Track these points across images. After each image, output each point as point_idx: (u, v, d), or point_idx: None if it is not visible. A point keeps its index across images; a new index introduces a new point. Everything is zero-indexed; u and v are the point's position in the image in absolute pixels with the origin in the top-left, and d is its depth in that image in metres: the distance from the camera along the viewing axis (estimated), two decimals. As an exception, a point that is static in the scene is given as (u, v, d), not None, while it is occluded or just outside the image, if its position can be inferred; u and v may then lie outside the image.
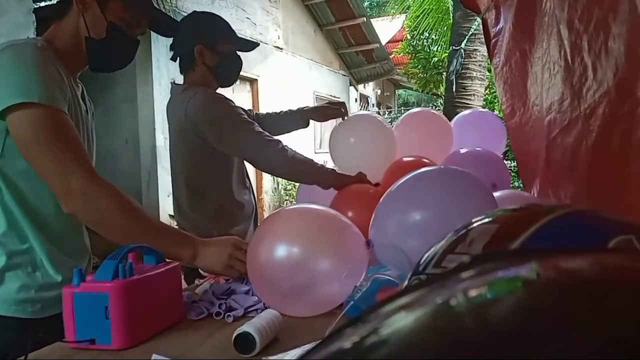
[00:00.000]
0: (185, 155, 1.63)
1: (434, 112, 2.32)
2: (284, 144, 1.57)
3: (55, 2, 1.19)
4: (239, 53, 1.70)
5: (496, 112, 6.95)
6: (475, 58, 4.82)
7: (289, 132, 1.95)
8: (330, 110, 1.87)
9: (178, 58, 1.70)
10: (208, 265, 1.15)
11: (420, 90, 12.60)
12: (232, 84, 1.79)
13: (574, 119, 1.36)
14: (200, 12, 1.80)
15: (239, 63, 1.71)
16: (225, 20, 1.70)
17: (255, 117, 1.91)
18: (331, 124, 2.01)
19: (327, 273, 1.02)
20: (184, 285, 1.16)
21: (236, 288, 1.13)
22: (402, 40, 12.04)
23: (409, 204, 1.08)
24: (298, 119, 1.91)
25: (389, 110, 14.39)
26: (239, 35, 1.75)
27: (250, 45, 1.73)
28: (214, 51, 1.63)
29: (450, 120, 2.19)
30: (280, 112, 1.96)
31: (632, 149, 1.09)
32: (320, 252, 1.03)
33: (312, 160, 1.61)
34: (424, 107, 12.27)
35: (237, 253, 1.13)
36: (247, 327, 0.82)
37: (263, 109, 7.01)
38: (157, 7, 1.43)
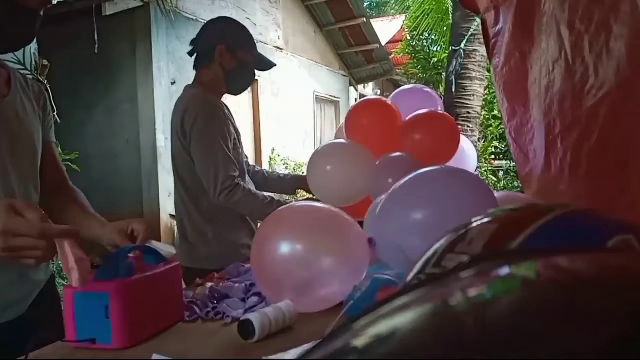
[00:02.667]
0: (182, 155, 1.63)
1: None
2: (239, 181, 1.55)
3: None
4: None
5: (495, 112, 6.97)
6: (474, 58, 4.81)
7: (275, 194, 1.96)
8: None
9: (195, 54, 1.70)
10: None
11: (420, 91, 12.57)
12: (239, 94, 1.80)
13: (575, 119, 1.35)
14: (228, 17, 1.83)
15: (253, 75, 1.73)
16: (251, 34, 1.72)
17: (248, 168, 1.88)
18: (331, 124, 2.01)
19: (330, 270, 1.02)
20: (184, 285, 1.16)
21: (232, 293, 1.14)
22: (401, 41, 12.03)
23: (410, 203, 1.08)
24: (287, 186, 1.91)
25: (389, 110, 14.37)
26: None
27: (267, 65, 1.74)
28: (234, 55, 1.64)
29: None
30: (272, 172, 1.98)
31: (634, 150, 1.09)
32: (323, 250, 1.04)
33: (261, 200, 1.58)
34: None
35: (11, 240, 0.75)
36: (250, 315, 0.89)
37: (263, 110, 7.01)
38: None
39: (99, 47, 4.56)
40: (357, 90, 10.32)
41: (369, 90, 13.18)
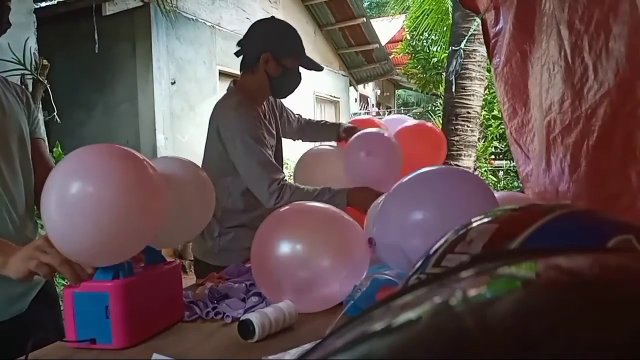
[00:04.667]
0: (209, 159, 1.65)
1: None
2: (285, 182, 1.55)
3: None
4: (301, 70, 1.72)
5: (495, 112, 6.97)
6: (474, 58, 4.81)
7: (322, 141, 2.03)
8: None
9: (242, 56, 1.70)
10: (14, 274, 0.92)
11: (420, 91, 12.59)
12: (286, 97, 1.81)
13: (574, 119, 1.35)
14: (278, 20, 1.78)
15: (298, 80, 1.74)
16: (298, 36, 1.71)
17: (300, 121, 2.01)
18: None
19: (330, 270, 1.02)
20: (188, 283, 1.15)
21: (232, 293, 1.14)
22: (401, 41, 12.02)
23: (411, 203, 1.08)
24: (334, 132, 1.99)
25: (388, 110, 14.38)
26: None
27: (314, 66, 1.74)
28: (279, 63, 1.64)
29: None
30: (322, 121, 2.07)
31: (634, 150, 1.09)
32: (323, 250, 1.04)
33: (311, 193, 1.54)
34: (423, 107, 12.27)
35: (41, 256, 0.89)
36: (250, 315, 0.89)
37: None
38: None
39: (98, 47, 4.56)
40: (357, 90, 10.33)
41: (369, 90, 13.19)
